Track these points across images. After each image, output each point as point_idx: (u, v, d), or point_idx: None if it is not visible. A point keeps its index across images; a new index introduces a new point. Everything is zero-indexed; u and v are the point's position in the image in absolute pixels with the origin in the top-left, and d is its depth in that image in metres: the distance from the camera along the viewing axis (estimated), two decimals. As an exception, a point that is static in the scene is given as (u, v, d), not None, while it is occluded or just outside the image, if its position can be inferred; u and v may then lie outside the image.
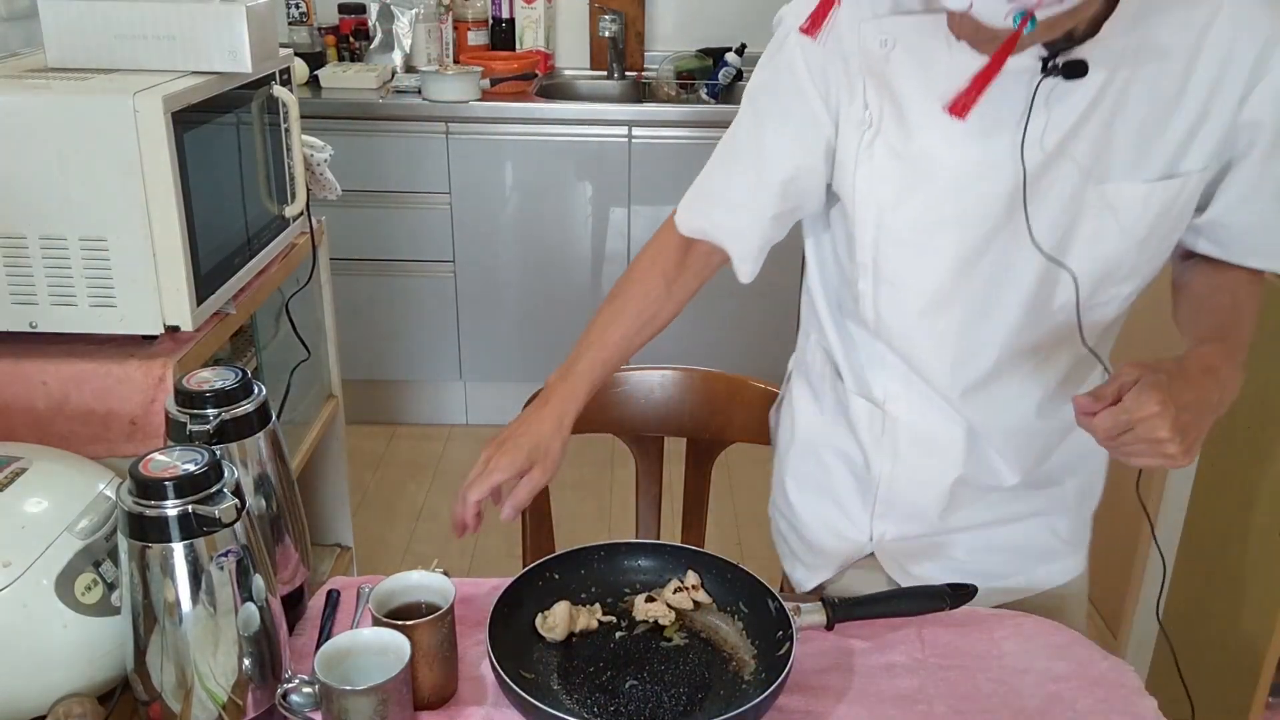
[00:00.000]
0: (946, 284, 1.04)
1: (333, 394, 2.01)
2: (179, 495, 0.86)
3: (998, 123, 0.95)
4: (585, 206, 2.97)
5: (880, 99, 0.98)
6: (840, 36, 0.98)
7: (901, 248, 1.05)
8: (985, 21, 0.79)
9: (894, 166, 1.01)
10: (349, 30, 3.21)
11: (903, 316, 1.09)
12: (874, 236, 1.05)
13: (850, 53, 0.98)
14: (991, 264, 1.02)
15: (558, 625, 1.07)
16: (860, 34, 0.97)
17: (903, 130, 0.99)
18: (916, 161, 1.00)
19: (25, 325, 1.31)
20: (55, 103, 1.23)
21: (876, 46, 0.97)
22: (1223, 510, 1.89)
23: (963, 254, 1.02)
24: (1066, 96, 0.93)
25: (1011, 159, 0.96)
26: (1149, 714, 1.04)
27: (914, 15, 0.95)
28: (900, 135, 0.99)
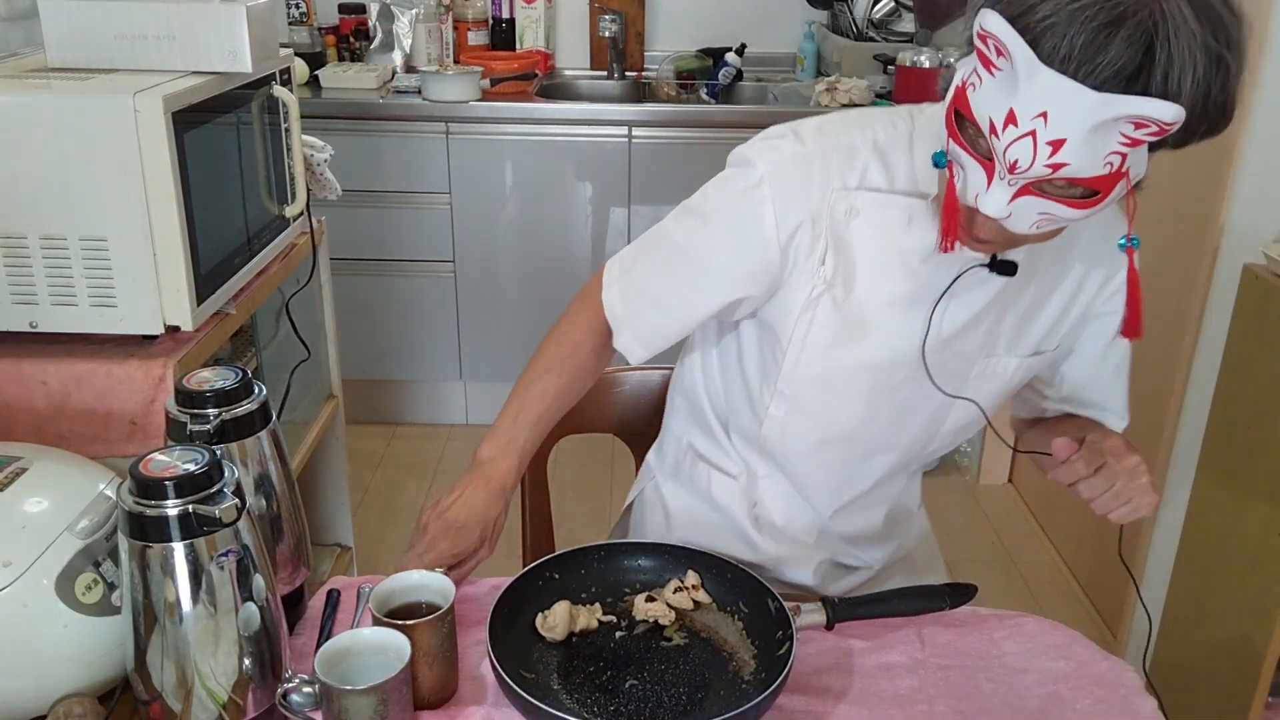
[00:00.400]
0: (856, 421, 1.17)
1: (333, 394, 2.01)
2: (179, 495, 0.86)
3: (921, 293, 1.07)
4: (585, 206, 2.97)
5: (836, 260, 1.07)
6: (806, 195, 1.06)
7: (823, 386, 1.15)
8: (1012, 230, 0.90)
9: (834, 317, 1.10)
10: (349, 30, 3.21)
11: (806, 444, 1.20)
12: (800, 373, 1.14)
13: (819, 214, 1.06)
14: (897, 407, 1.16)
15: (558, 625, 1.07)
16: (830, 201, 1.06)
17: (847, 289, 1.09)
18: (852, 316, 1.10)
19: (25, 325, 1.31)
20: (55, 103, 1.23)
21: (843, 214, 1.05)
22: (1222, 511, 1.89)
23: (875, 399, 1.15)
24: (983, 284, 1.07)
25: (932, 326, 1.09)
26: (1149, 714, 1.04)
27: (880, 192, 1.05)
28: (844, 292, 1.09)
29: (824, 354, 1.12)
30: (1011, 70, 0.82)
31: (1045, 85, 0.80)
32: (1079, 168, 0.83)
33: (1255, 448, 1.78)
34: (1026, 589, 2.59)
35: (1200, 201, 2.01)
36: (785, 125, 1.08)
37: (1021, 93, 0.81)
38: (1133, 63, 0.79)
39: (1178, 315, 2.08)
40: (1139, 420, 2.24)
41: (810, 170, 1.05)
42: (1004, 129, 0.83)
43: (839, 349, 1.11)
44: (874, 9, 3.14)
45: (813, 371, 1.13)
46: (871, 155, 1.05)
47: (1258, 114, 1.85)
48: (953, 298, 1.06)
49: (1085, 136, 0.81)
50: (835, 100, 2.90)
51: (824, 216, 1.05)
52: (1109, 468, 1.00)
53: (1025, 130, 0.82)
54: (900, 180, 1.05)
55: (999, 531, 2.83)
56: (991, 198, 0.88)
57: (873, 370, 1.12)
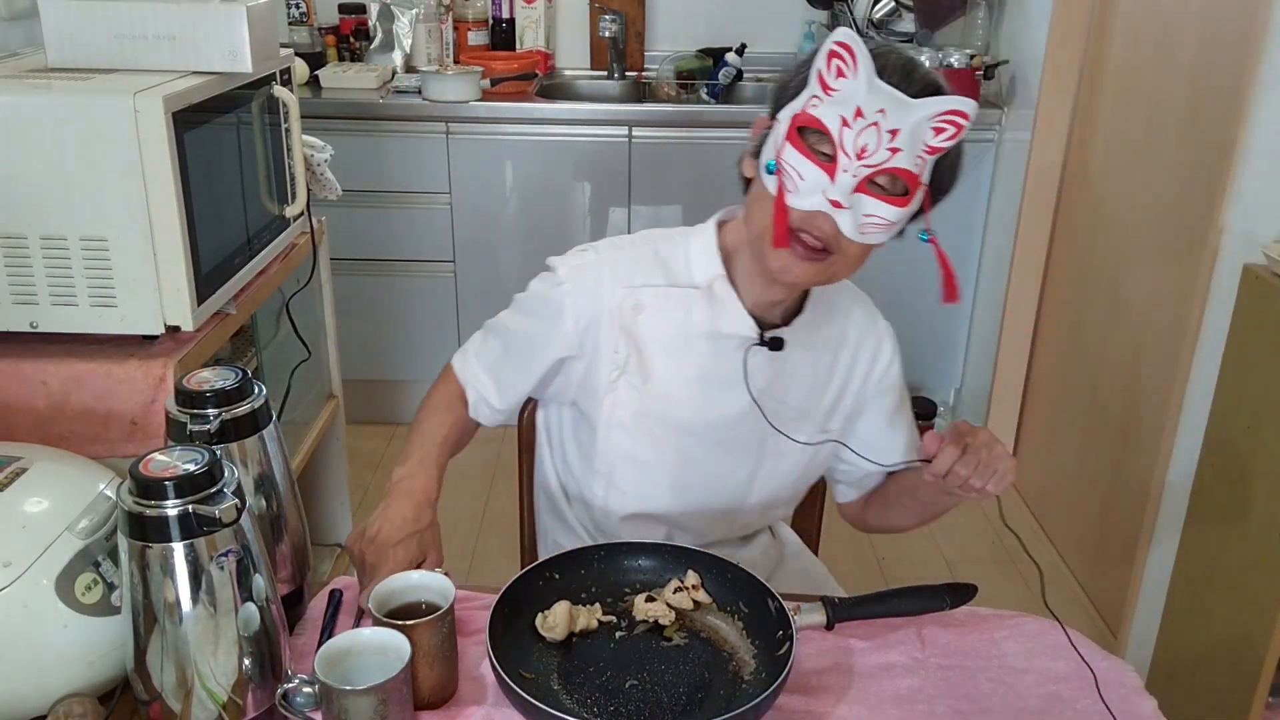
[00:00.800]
0: (669, 497, 1.30)
1: (333, 394, 2.02)
2: (179, 495, 0.86)
3: (714, 374, 1.23)
4: (585, 206, 2.97)
5: (628, 348, 1.23)
6: (598, 295, 1.23)
7: (633, 465, 1.28)
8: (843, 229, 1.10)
9: (634, 399, 1.25)
10: (349, 30, 3.21)
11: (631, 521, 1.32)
12: (611, 454, 1.28)
13: (610, 310, 1.23)
14: (704, 481, 1.30)
15: (558, 625, 1.07)
16: (619, 298, 1.23)
17: (645, 375, 1.24)
18: (653, 398, 1.25)
19: (25, 325, 1.31)
20: (55, 103, 1.23)
21: (630, 309, 1.23)
22: (1223, 510, 1.89)
23: (684, 474, 1.28)
24: (766, 364, 1.23)
25: (725, 404, 1.24)
26: (1149, 714, 1.04)
27: (659, 287, 1.23)
28: (641, 378, 1.24)
29: (629, 434, 1.26)
30: (855, 81, 1.05)
31: (882, 90, 1.05)
32: (905, 158, 1.06)
33: (1255, 448, 1.78)
34: (1026, 589, 2.59)
35: (1200, 201, 2.01)
36: (587, 244, 1.29)
37: (865, 96, 1.05)
38: (934, 82, 1.07)
39: (1178, 315, 2.08)
40: (1141, 420, 2.25)
41: (600, 274, 1.24)
42: (854, 120, 1.05)
43: (643, 429, 1.26)
44: (874, 9, 3.14)
45: (621, 449, 1.27)
46: (652, 259, 1.25)
47: (1257, 114, 1.86)
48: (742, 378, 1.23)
49: (911, 129, 1.05)
50: (835, 100, 2.90)
51: (614, 312, 1.23)
52: (971, 447, 1.11)
53: (871, 120, 1.05)
54: (677, 276, 1.24)
55: (999, 531, 2.83)
56: (838, 187, 1.07)
57: (676, 448, 1.27)
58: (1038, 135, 2.70)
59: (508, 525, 1.14)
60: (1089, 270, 2.57)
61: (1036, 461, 2.90)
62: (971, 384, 3.17)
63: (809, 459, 1.32)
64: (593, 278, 1.23)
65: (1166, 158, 2.18)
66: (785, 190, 1.10)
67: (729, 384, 1.23)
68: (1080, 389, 2.60)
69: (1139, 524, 2.21)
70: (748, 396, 1.23)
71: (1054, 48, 2.63)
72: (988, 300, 3.02)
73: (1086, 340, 2.57)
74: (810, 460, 1.33)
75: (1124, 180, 2.40)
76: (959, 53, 2.87)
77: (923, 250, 1.22)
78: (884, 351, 1.33)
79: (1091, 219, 2.56)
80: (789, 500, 1.40)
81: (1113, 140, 2.47)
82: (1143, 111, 2.31)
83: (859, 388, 1.32)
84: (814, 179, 1.08)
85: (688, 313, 1.23)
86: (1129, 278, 2.34)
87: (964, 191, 2.96)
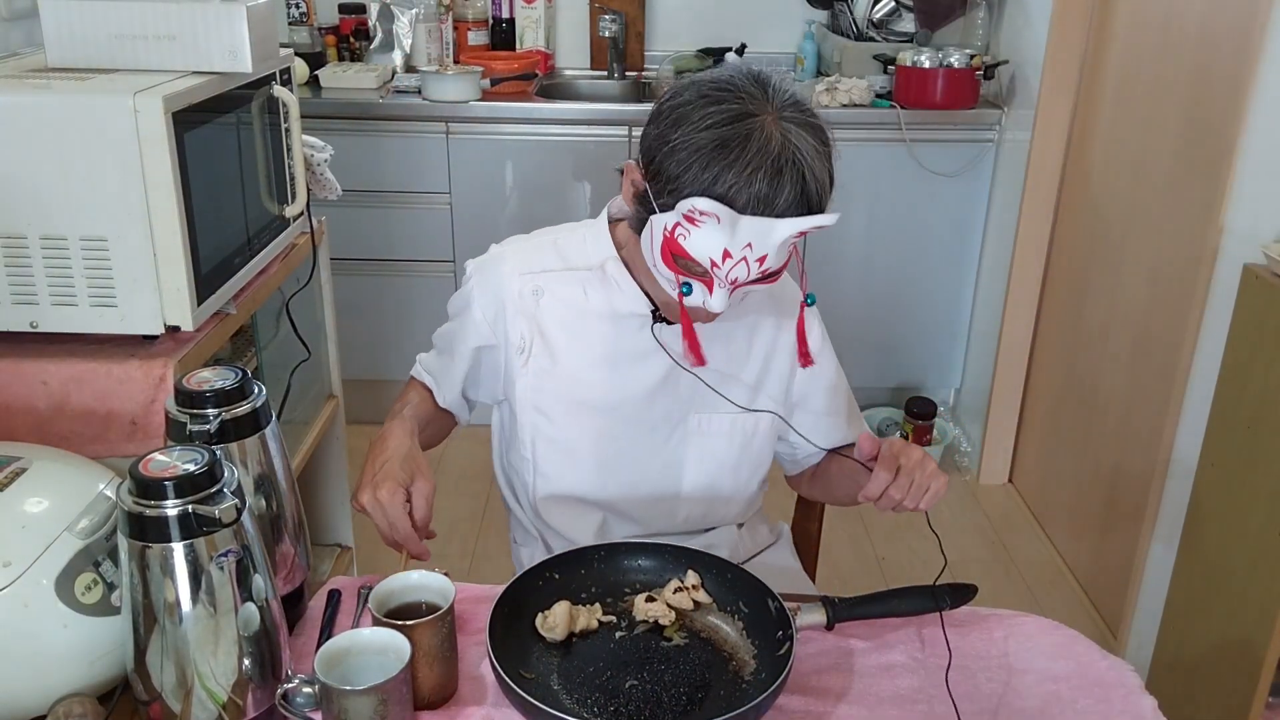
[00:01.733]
0: (593, 480, 1.32)
1: (333, 394, 2.01)
2: (179, 495, 0.86)
3: (620, 352, 1.27)
4: (585, 206, 2.97)
5: (531, 332, 1.28)
6: (500, 284, 1.28)
7: (552, 446, 1.31)
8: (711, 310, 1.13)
9: (546, 383, 1.29)
10: (349, 30, 3.21)
11: (565, 508, 1.34)
12: (532, 438, 1.32)
13: (512, 298, 1.28)
14: (628, 466, 1.31)
15: (558, 625, 1.07)
16: (519, 286, 1.28)
17: (550, 357, 1.29)
18: (564, 380, 1.29)
19: (25, 325, 1.31)
20: (55, 103, 1.23)
21: (531, 294, 1.28)
22: (1223, 510, 1.89)
23: (604, 457, 1.31)
24: (672, 341, 1.24)
25: (634, 382, 1.28)
26: (1149, 714, 1.04)
27: (555, 271, 1.28)
28: (548, 360, 1.29)
29: (545, 416, 1.30)
30: (719, 223, 1.06)
31: (746, 226, 1.06)
32: (774, 265, 1.10)
33: (1255, 448, 1.78)
34: (1026, 589, 2.59)
35: (1200, 201, 2.01)
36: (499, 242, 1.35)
37: (731, 236, 1.06)
38: (797, 196, 1.06)
39: (1178, 315, 2.08)
40: (1141, 420, 2.25)
41: (502, 266, 1.30)
42: (723, 261, 1.08)
43: (557, 411, 1.30)
44: (874, 9, 3.14)
45: (539, 432, 1.31)
46: (551, 248, 1.30)
47: (1257, 114, 1.86)
48: (650, 354, 1.27)
49: (778, 248, 1.08)
50: (835, 100, 2.90)
51: (515, 299, 1.28)
52: (904, 469, 1.13)
53: (739, 258, 1.08)
54: (573, 260, 1.29)
55: (999, 531, 2.83)
56: (716, 300, 1.12)
57: (594, 428, 1.30)
58: (1038, 135, 2.70)
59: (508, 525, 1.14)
60: (1089, 270, 2.57)
61: (1036, 461, 2.90)
62: (971, 384, 3.17)
63: (745, 439, 1.33)
64: (495, 270, 1.30)
65: (1166, 158, 2.18)
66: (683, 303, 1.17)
67: (635, 360, 1.27)
68: (1080, 389, 2.60)
69: (1139, 524, 2.21)
70: (657, 373, 1.27)
71: (1054, 48, 2.63)
72: (988, 300, 3.02)
73: (1086, 340, 2.57)
74: (747, 441, 1.33)
75: (1124, 180, 2.40)
76: (959, 53, 2.87)
77: (922, 250, 1.24)
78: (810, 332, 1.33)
79: (1091, 219, 2.57)
80: (734, 489, 1.37)
81: (1113, 140, 2.47)
82: (1143, 111, 2.31)
83: (787, 362, 1.33)
84: (695, 292, 1.13)
85: (585, 294, 1.27)
86: (1129, 278, 2.34)
87: (964, 191, 2.98)
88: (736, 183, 1.04)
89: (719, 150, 1.05)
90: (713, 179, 1.05)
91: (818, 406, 1.37)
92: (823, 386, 1.37)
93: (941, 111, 2.89)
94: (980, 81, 2.91)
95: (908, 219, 2.99)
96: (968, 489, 3.04)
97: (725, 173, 1.04)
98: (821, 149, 1.08)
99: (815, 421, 1.37)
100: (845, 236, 2.98)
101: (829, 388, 1.37)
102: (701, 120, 1.07)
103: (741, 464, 1.35)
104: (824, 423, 1.38)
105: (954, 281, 3.09)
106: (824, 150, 1.08)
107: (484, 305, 1.30)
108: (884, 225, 3.00)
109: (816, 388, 1.37)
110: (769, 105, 1.08)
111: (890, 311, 3.11)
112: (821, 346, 1.36)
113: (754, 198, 1.04)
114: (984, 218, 3.02)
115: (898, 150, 2.91)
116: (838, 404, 1.39)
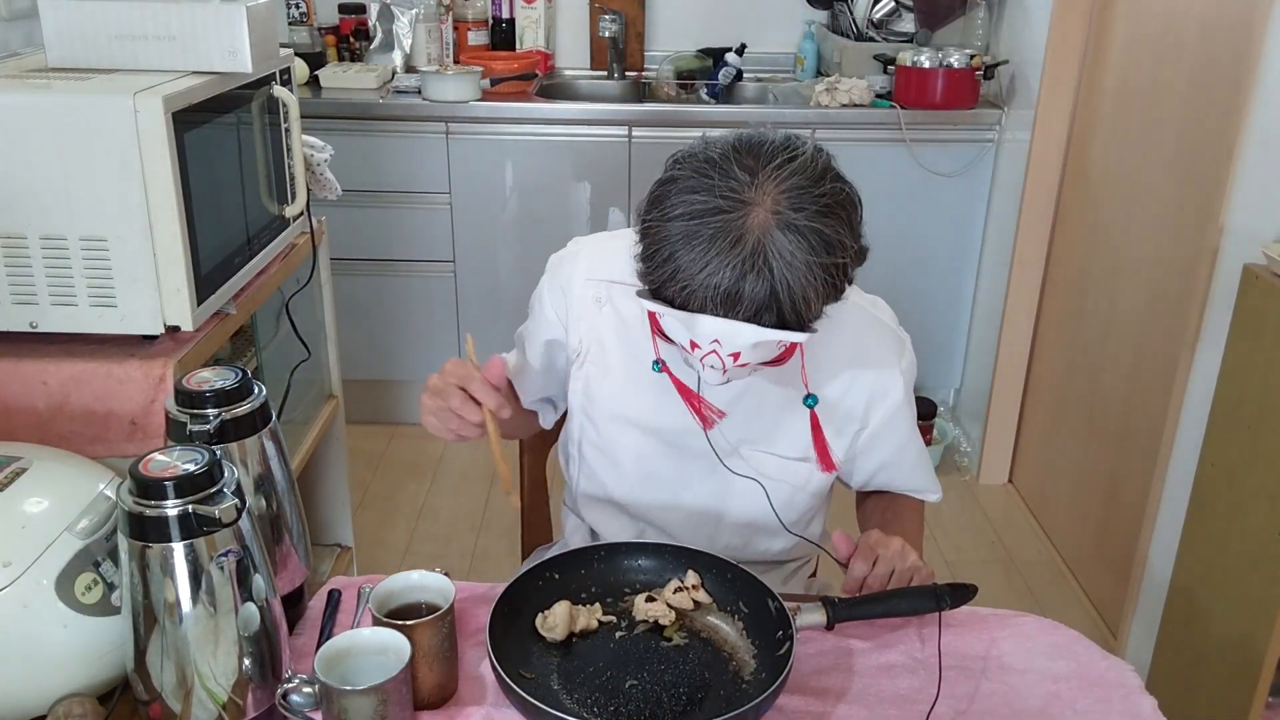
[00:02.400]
0: (629, 487, 1.30)
1: (333, 394, 2.02)
2: (179, 495, 0.86)
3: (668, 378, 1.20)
4: (585, 206, 2.97)
5: (588, 338, 1.26)
6: (570, 285, 1.27)
7: (599, 455, 1.30)
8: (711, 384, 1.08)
9: (594, 391, 1.28)
10: (349, 30, 3.21)
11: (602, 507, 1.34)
12: (579, 439, 1.31)
13: (574, 298, 1.26)
14: (669, 480, 1.28)
15: (558, 625, 1.07)
16: (585, 291, 1.26)
17: (603, 366, 1.27)
18: (609, 394, 1.27)
19: (25, 325, 1.31)
20: (55, 103, 1.23)
21: (593, 301, 1.26)
22: (1223, 510, 1.89)
23: (646, 467, 1.28)
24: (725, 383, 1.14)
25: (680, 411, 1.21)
26: (1149, 714, 1.04)
27: (623, 284, 1.22)
28: (601, 369, 1.27)
29: (594, 425, 1.29)
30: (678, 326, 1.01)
31: (707, 324, 0.99)
32: (759, 359, 1.03)
33: (1255, 448, 1.78)
34: (1026, 589, 2.59)
35: (1200, 201, 2.00)
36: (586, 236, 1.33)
37: (694, 329, 1.00)
38: (763, 302, 0.96)
39: (1178, 315, 2.08)
40: (1141, 420, 2.25)
41: (576, 265, 1.27)
42: (692, 351, 1.03)
43: (604, 420, 1.28)
44: (874, 9, 3.14)
45: (588, 437, 1.30)
46: (625, 255, 1.13)
47: (1258, 114, 1.85)
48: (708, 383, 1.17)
49: (752, 347, 1.00)
50: (835, 100, 2.90)
51: (580, 302, 1.26)
52: (883, 559, 1.13)
53: (708, 350, 1.01)
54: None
55: (999, 531, 2.83)
56: (709, 378, 1.05)
57: (636, 445, 1.27)
58: (1038, 135, 2.70)
59: (508, 525, 1.15)
60: (1089, 270, 2.57)
61: (1036, 461, 2.90)
62: (971, 384, 3.17)
63: (795, 486, 1.26)
64: (569, 268, 1.28)
65: (1166, 158, 2.18)
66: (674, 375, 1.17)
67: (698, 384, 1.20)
68: (1080, 389, 2.60)
69: (1139, 524, 2.21)
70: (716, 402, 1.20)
71: (1054, 48, 2.63)
72: (988, 300, 3.02)
73: (1086, 340, 2.57)
74: (799, 486, 1.27)
75: (1124, 180, 2.40)
76: (959, 53, 2.87)
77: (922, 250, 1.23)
78: (890, 395, 1.24)
79: (1091, 219, 2.56)
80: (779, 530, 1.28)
81: (1113, 140, 2.47)
82: (1143, 111, 2.31)
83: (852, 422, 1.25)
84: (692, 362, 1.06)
85: (642, 311, 1.16)
86: (1129, 278, 2.34)
87: (964, 191, 2.98)
88: (690, 284, 0.96)
89: (683, 242, 0.97)
90: (671, 273, 0.98)
91: (878, 460, 1.30)
92: (889, 446, 1.29)
93: (941, 111, 2.89)
94: (980, 81, 2.91)
95: (908, 219, 2.99)
96: (968, 489, 3.03)
97: (685, 267, 0.96)
98: (813, 257, 0.96)
99: (873, 471, 1.32)
100: (845, 236, 2.97)
101: (896, 447, 1.30)
102: (674, 206, 0.99)
103: (791, 506, 1.28)
104: (883, 474, 1.33)
105: (954, 281, 3.09)
106: (815, 258, 0.96)
107: (554, 302, 1.29)
108: (884, 225, 3.00)
109: (883, 445, 1.28)
110: (759, 195, 0.97)
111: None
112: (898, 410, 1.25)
113: (711, 298, 0.96)
114: (984, 218, 3.01)
115: (898, 150, 2.91)
116: (902, 461, 1.32)
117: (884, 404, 1.24)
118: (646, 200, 1.04)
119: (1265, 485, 1.74)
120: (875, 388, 1.24)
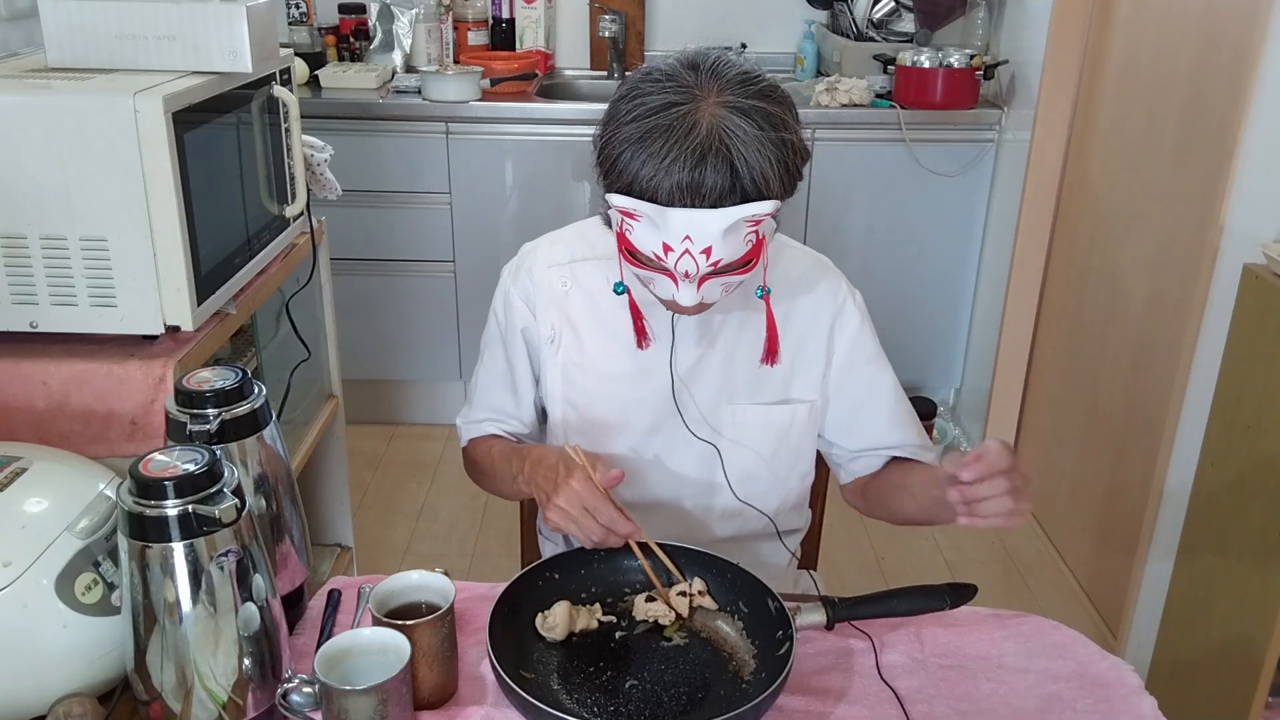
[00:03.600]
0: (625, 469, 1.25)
1: (333, 394, 2.01)
2: (179, 495, 0.86)
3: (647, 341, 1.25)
4: (585, 206, 2.97)
5: (559, 322, 1.30)
6: (533, 276, 1.31)
7: (583, 437, 1.30)
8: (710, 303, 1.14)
9: (574, 374, 1.31)
10: (349, 30, 3.21)
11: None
12: (563, 425, 1.33)
13: (540, 285, 1.31)
14: (659, 456, 1.31)
15: (558, 625, 1.07)
16: (549, 278, 1.30)
17: (578, 346, 1.30)
18: (590, 369, 1.30)
19: (25, 325, 1.31)
20: (55, 103, 1.23)
21: (559, 286, 1.30)
22: (1223, 510, 1.89)
23: (634, 446, 1.31)
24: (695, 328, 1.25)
25: (661, 368, 1.27)
26: (1149, 714, 1.04)
27: (584, 261, 1.30)
28: (577, 351, 1.30)
29: (578, 411, 1.31)
30: (649, 218, 1.05)
31: (677, 219, 1.04)
32: (730, 256, 1.07)
33: (1255, 448, 1.78)
34: (1026, 589, 2.59)
35: (1200, 201, 2.00)
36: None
37: (663, 229, 1.05)
38: (726, 182, 1.02)
39: (1178, 315, 2.08)
40: (1141, 420, 2.25)
41: (534, 257, 1.32)
42: (665, 255, 1.07)
43: (588, 400, 1.31)
44: (874, 9, 3.14)
45: (572, 423, 1.32)
46: (577, 237, 1.32)
47: (1257, 114, 1.85)
48: (678, 344, 1.26)
49: (722, 237, 1.04)
50: (835, 100, 2.90)
51: (546, 289, 1.30)
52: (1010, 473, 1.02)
53: (680, 251, 1.05)
54: (599, 247, 1.28)
55: (999, 531, 2.83)
56: (684, 295, 1.10)
57: (624, 414, 1.30)
58: (1038, 135, 2.70)
59: (508, 525, 1.15)
60: (1089, 270, 2.57)
61: (1036, 462, 2.90)
62: (971, 384, 3.17)
63: (781, 430, 1.30)
64: (528, 263, 1.33)
65: (1166, 158, 2.18)
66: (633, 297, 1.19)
67: (660, 345, 1.26)
68: (1080, 389, 2.60)
69: (1139, 524, 2.20)
70: (685, 361, 1.26)
71: (1054, 48, 2.63)
72: (988, 300, 3.02)
73: (1086, 340, 2.57)
74: (783, 432, 1.30)
75: (1124, 180, 2.40)
76: (959, 53, 2.87)
77: (922, 250, 1.23)
78: (848, 323, 1.30)
79: (1091, 219, 2.56)
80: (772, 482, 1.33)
81: (1113, 140, 2.47)
82: (1143, 111, 2.31)
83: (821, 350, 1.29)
84: (664, 285, 1.11)
85: (609, 280, 1.23)
86: (1129, 278, 2.34)
87: (964, 191, 2.98)
88: (655, 174, 1.02)
89: (641, 142, 1.03)
90: (635, 172, 1.04)
91: (853, 400, 1.32)
92: (860, 379, 1.31)
93: (941, 111, 2.89)
94: (980, 81, 2.91)
95: (908, 219, 2.99)
96: (968, 489, 3.03)
97: (646, 165, 1.02)
98: (763, 131, 1.03)
99: (851, 418, 1.33)
100: (845, 236, 2.98)
101: (866, 380, 1.32)
102: (629, 113, 1.05)
103: (779, 455, 1.32)
104: (861, 419, 1.32)
105: (954, 281, 3.09)
106: (765, 133, 1.03)
107: (521, 291, 1.32)
108: (884, 225, 3.00)
109: (853, 379, 1.31)
110: (705, 90, 1.04)
111: (890, 311, 3.09)
112: (857, 337, 1.30)
113: (676, 188, 1.02)
114: (984, 218, 3.02)
115: (898, 150, 2.91)
116: (876, 401, 1.32)
117: (844, 333, 1.30)
118: (602, 119, 1.10)
119: (1265, 485, 1.74)
120: (835, 317, 1.30)
